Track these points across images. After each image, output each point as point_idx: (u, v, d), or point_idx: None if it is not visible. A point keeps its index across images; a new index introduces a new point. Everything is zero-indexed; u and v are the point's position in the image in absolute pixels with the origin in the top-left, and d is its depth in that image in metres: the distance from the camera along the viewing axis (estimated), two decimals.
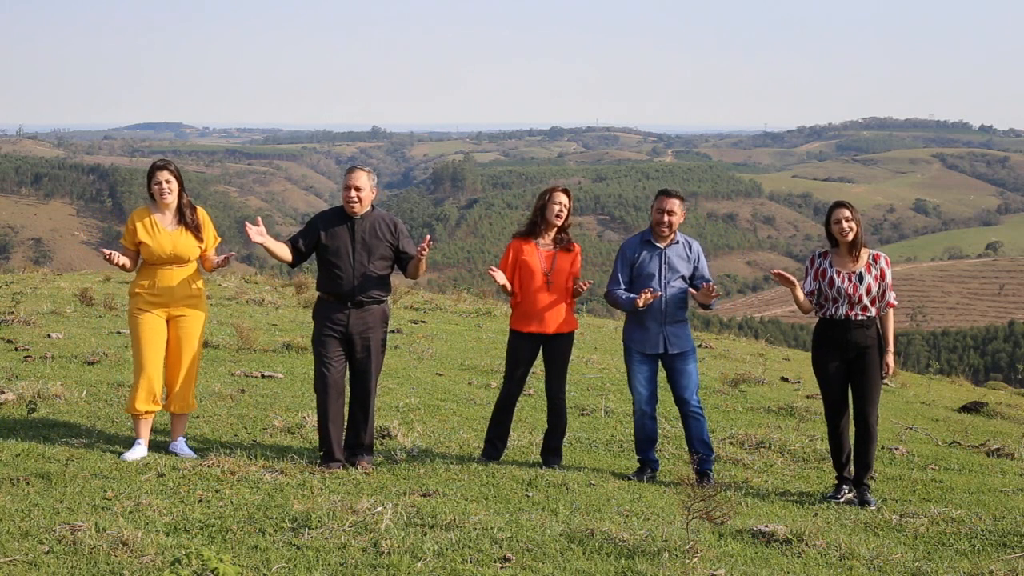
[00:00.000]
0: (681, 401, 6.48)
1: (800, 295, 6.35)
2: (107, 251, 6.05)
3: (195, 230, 6.10)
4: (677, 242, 6.46)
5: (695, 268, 6.47)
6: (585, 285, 6.45)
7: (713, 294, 6.35)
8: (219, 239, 6.27)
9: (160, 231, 6.02)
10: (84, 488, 5.21)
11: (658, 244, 6.44)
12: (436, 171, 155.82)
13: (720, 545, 4.91)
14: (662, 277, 6.38)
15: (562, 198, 6.45)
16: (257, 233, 5.86)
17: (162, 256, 6.00)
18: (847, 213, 6.20)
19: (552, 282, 6.41)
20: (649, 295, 6.24)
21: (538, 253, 6.46)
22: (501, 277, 6.38)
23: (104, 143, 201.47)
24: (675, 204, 6.40)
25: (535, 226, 6.50)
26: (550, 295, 6.41)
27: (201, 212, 6.19)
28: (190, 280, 6.13)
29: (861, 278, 6.19)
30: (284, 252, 6.11)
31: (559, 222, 6.45)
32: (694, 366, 6.48)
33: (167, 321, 6.09)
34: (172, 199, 6.04)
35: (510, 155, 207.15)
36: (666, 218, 6.38)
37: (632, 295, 6.37)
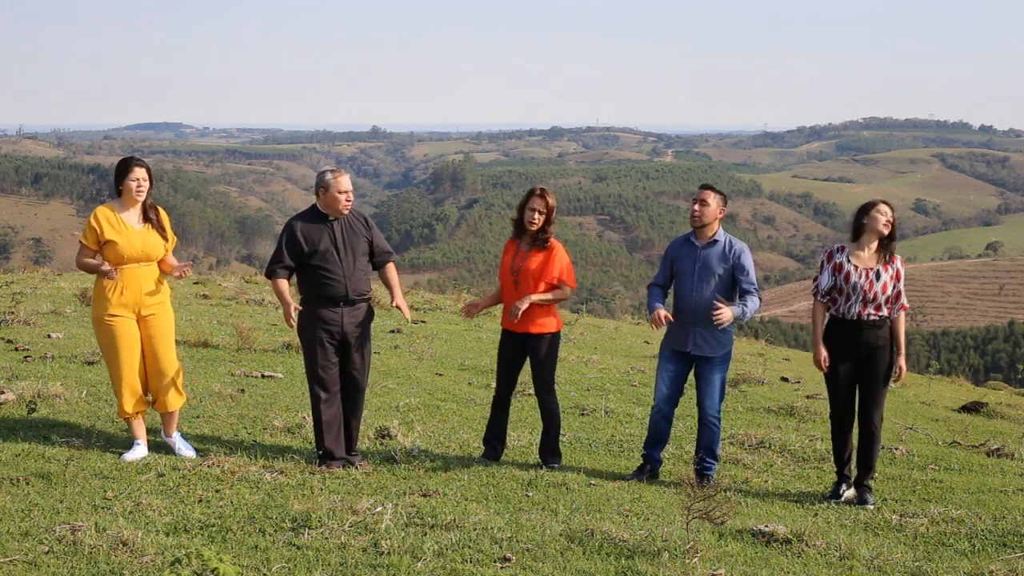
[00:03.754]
0: (700, 407, 6.46)
1: (822, 333, 6.31)
2: (107, 267, 5.85)
3: (160, 228, 6.04)
4: (716, 241, 6.32)
5: (734, 269, 6.25)
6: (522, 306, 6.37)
7: (717, 316, 6.05)
8: (176, 240, 6.22)
9: (128, 228, 5.91)
10: (84, 488, 5.21)
11: (697, 242, 6.37)
12: (436, 171, 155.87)
13: (720, 545, 4.92)
14: (695, 275, 6.28)
15: (537, 203, 6.40)
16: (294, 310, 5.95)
17: (132, 254, 5.88)
18: (889, 212, 6.16)
19: (519, 281, 6.42)
20: (661, 315, 6.18)
21: (515, 253, 6.50)
22: (472, 310, 6.69)
23: (104, 143, 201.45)
24: (708, 195, 6.30)
25: (519, 228, 6.52)
26: (517, 293, 6.43)
27: (163, 212, 6.13)
28: (157, 279, 6.05)
29: (878, 275, 6.14)
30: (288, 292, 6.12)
31: (533, 228, 6.43)
32: (720, 376, 6.37)
33: (137, 322, 5.99)
34: (144, 197, 5.98)
35: (510, 155, 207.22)
36: (696, 207, 6.30)
37: (658, 303, 6.35)
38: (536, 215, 6.38)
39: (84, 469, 5.56)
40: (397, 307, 6.33)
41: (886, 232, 6.15)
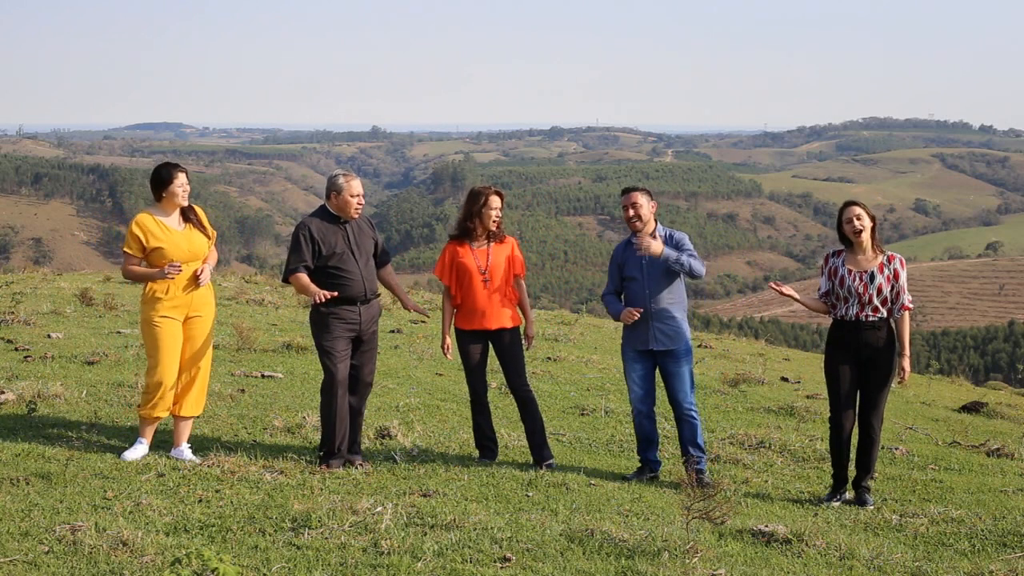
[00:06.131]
0: (674, 403, 6.46)
1: (806, 302, 6.37)
2: (165, 268, 5.86)
3: (201, 226, 6.09)
4: (655, 238, 6.39)
5: (677, 250, 6.32)
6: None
7: (645, 245, 6.17)
8: (215, 232, 6.25)
9: (171, 231, 5.94)
10: (84, 488, 5.21)
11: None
12: (436, 171, 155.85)
13: (720, 545, 4.92)
14: (644, 277, 6.35)
15: (497, 202, 6.49)
16: (323, 296, 5.94)
17: (180, 256, 5.89)
18: (858, 211, 6.18)
19: (489, 279, 6.46)
20: (634, 314, 6.27)
21: (473, 253, 6.50)
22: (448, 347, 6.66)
23: (104, 143, 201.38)
24: (637, 196, 6.41)
25: (469, 231, 6.50)
26: (488, 292, 6.46)
27: (198, 208, 6.17)
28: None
29: (872, 278, 6.13)
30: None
31: (495, 227, 6.50)
32: (687, 368, 6.41)
33: (183, 322, 6.02)
34: (187, 201, 6.03)
35: (510, 155, 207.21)
36: (631, 212, 6.42)
37: (620, 306, 6.44)
38: (499, 213, 6.50)
39: (84, 469, 5.56)
40: (414, 310, 6.49)
41: (858, 235, 6.16)
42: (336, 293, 6.00)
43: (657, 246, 6.19)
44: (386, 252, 6.49)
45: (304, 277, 6.03)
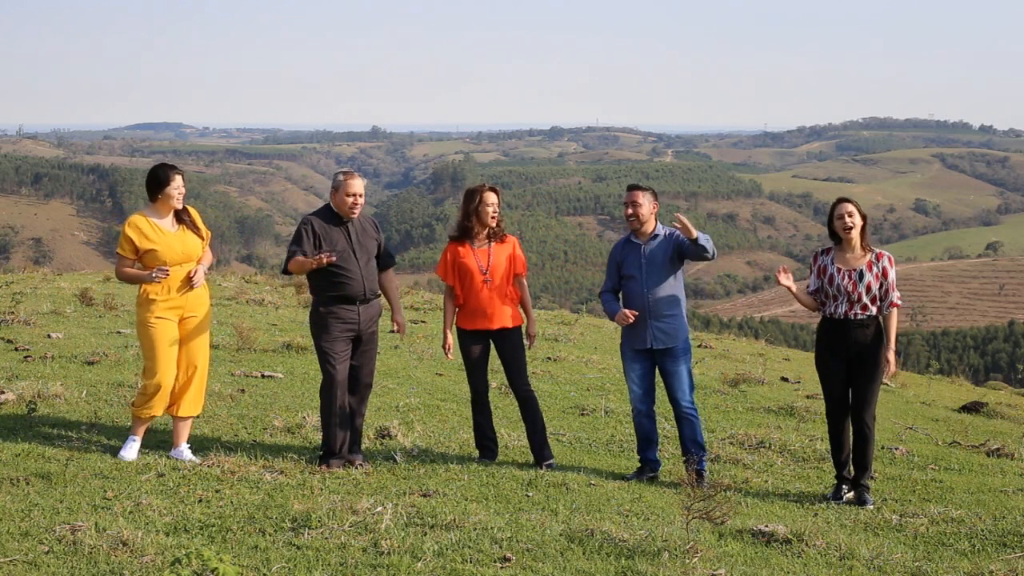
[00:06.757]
0: (673, 401, 6.48)
1: (800, 296, 6.41)
2: (154, 272, 5.87)
3: (194, 227, 6.08)
4: (657, 235, 6.42)
5: (678, 245, 6.34)
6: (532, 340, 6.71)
7: (682, 225, 6.10)
8: (209, 233, 6.25)
9: (164, 233, 5.94)
10: (84, 488, 5.21)
11: (638, 241, 6.45)
12: (436, 171, 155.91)
13: (720, 545, 4.92)
14: (643, 275, 6.36)
15: (492, 198, 6.50)
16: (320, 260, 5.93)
17: (173, 257, 5.89)
18: (850, 208, 6.20)
19: (490, 279, 6.47)
20: (629, 316, 6.28)
21: (474, 253, 6.51)
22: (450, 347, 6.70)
23: (104, 143, 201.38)
24: (637, 195, 6.42)
25: (468, 230, 6.51)
26: (490, 292, 6.47)
27: (192, 209, 6.16)
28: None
29: (861, 276, 6.16)
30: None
31: (494, 223, 6.51)
32: (686, 367, 6.42)
33: (178, 323, 6.02)
34: (182, 203, 6.02)
35: (510, 155, 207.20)
36: (630, 210, 6.44)
37: (617, 306, 6.45)
38: (495, 209, 6.50)
39: (84, 469, 5.56)
40: (397, 325, 6.49)
41: (848, 232, 6.17)
42: (335, 257, 5.95)
43: (691, 230, 6.15)
44: (390, 255, 6.46)
45: (302, 258, 6.02)
